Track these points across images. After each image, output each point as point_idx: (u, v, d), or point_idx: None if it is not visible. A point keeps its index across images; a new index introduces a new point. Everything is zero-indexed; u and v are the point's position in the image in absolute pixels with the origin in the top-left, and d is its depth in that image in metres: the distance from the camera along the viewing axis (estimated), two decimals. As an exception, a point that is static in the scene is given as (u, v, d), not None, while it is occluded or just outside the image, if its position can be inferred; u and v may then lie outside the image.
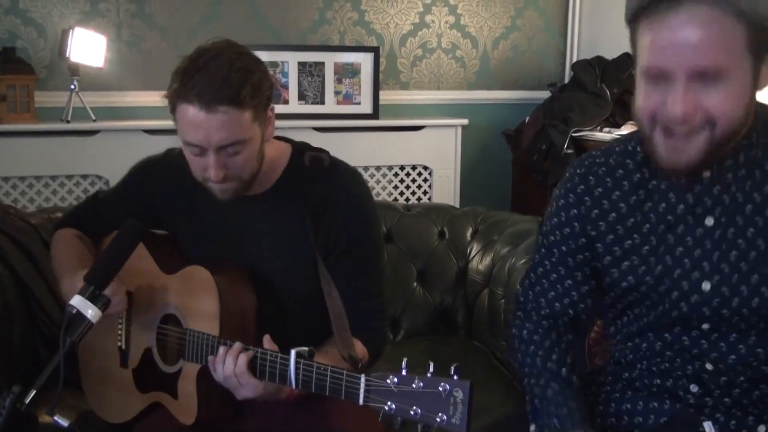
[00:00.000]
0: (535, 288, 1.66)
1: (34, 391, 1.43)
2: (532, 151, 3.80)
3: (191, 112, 1.64)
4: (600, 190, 1.55)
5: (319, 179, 1.82)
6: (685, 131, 1.34)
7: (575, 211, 1.57)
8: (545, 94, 4.02)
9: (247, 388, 1.62)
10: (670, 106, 1.33)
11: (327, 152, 1.89)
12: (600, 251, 1.55)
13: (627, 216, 1.52)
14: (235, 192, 1.75)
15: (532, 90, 4.32)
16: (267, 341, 1.63)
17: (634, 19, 1.36)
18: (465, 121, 4.04)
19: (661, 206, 1.49)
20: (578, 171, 1.59)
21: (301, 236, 1.80)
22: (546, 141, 3.71)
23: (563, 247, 1.60)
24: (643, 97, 1.38)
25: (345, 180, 1.85)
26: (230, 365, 1.62)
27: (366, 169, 3.89)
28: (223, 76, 1.63)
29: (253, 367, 1.61)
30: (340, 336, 1.66)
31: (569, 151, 3.57)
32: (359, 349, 1.77)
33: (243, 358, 1.61)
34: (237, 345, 1.63)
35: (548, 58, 4.38)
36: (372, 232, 1.88)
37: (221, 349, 1.64)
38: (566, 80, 4.22)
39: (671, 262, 1.48)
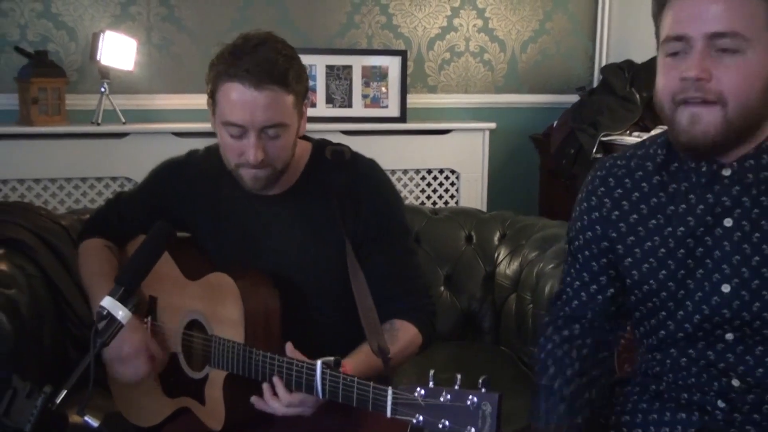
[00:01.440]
0: (563, 296, 1.65)
1: (65, 392, 1.44)
2: (560, 156, 3.78)
3: (239, 89, 1.66)
4: (620, 191, 1.54)
5: (342, 171, 1.83)
6: (700, 99, 1.36)
7: (596, 214, 1.57)
8: (574, 98, 3.99)
9: (309, 410, 1.62)
10: (685, 71, 1.36)
11: (347, 146, 1.91)
12: (620, 253, 1.54)
13: (647, 218, 1.51)
14: (267, 181, 1.76)
15: (560, 94, 4.29)
16: (290, 349, 1.62)
17: (659, 8, 1.39)
18: (493, 125, 4.03)
19: (681, 207, 1.47)
20: (598, 173, 1.59)
21: (328, 227, 1.81)
22: (575, 145, 3.69)
23: (586, 252, 1.59)
24: (663, 77, 1.40)
25: (366, 169, 1.87)
26: (282, 408, 1.61)
27: (393, 172, 3.88)
28: (272, 58, 1.67)
29: (288, 382, 1.59)
30: (367, 322, 1.64)
31: (598, 155, 3.55)
32: (411, 333, 1.76)
33: (281, 390, 1.60)
34: (281, 392, 1.61)
35: (577, 61, 4.36)
36: (400, 214, 1.89)
37: (266, 391, 1.62)
38: (595, 84, 4.19)
39: (692, 265, 1.46)
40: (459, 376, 1.31)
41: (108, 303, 1.54)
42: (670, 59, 1.39)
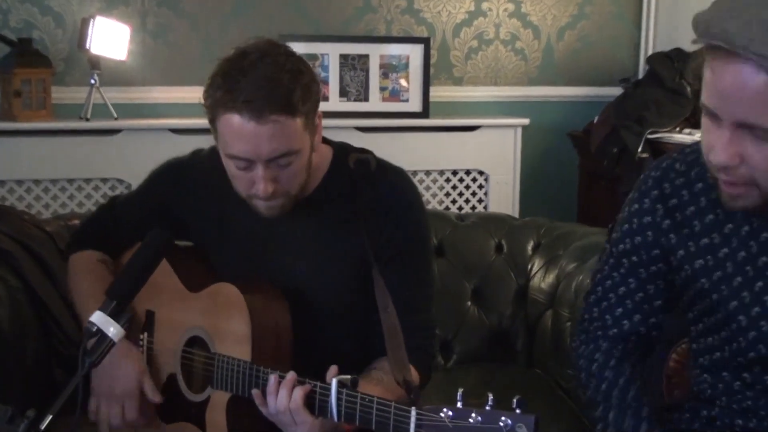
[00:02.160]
0: (602, 304, 1.65)
1: (51, 416, 1.44)
2: (601, 155, 3.77)
3: (238, 122, 1.63)
4: (674, 201, 1.55)
5: (367, 183, 1.83)
6: (729, 183, 1.37)
7: (648, 218, 1.57)
8: (617, 91, 3.98)
9: (302, 426, 1.60)
10: (712, 155, 1.36)
11: (372, 153, 1.90)
12: (674, 265, 1.55)
13: (700, 235, 1.52)
14: (283, 208, 1.76)
15: (601, 86, 4.27)
16: (333, 373, 1.60)
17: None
18: (526, 121, 4.02)
19: (743, 230, 1.47)
20: (653, 174, 1.60)
21: (347, 244, 1.81)
22: (618, 143, 3.68)
23: (634, 257, 1.60)
24: (703, 133, 1.40)
25: (395, 183, 1.86)
26: (284, 399, 1.59)
27: (414, 174, 3.88)
28: (273, 79, 1.63)
29: (310, 402, 1.59)
30: (394, 356, 1.64)
31: (644, 155, 3.54)
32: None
33: (299, 392, 1.59)
34: (291, 375, 1.61)
35: (620, 49, 4.34)
36: (424, 240, 1.89)
37: (272, 379, 1.62)
38: (641, 75, 4.18)
39: (749, 299, 1.45)
40: (491, 396, 1.30)
41: (98, 318, 1.55)
42: (707, 121, 1.38)
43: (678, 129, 3.61)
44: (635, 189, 1.62)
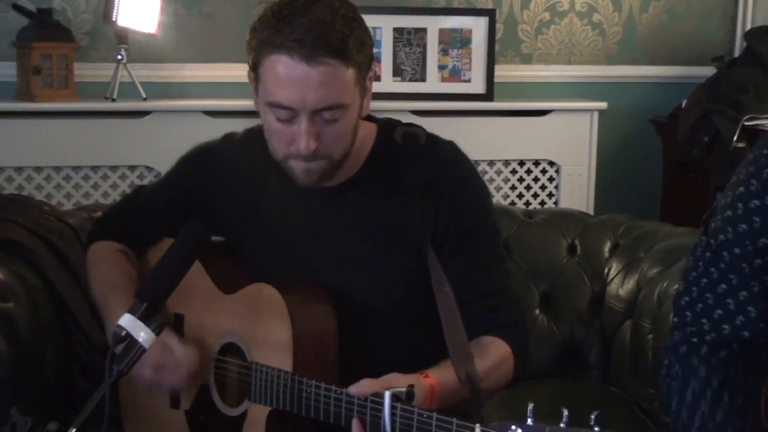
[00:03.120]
0: (696, 306, 1.63)
1: (74, 430, 1.47)
2: (690, 144, 3.74)
3: (287, 63, 1.67)
4: None
5: (417, 158, 1.84)
6: None
7: (757, 202, 1.55)
8: (709, 71, 3.94)
9: None
10: None
11: (421, 127, 1.92)
12: None
13: None
14: (322, 175, 1.78)
15: (691, 65, 4.24)
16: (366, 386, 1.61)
17: None
18: (603, 105, 3.99)
19: None
20: (765, 152, 1.56)
21: (399, 228, 1.82)
22: (709, 131, 3.65)
23: (736, 249, 1.58)
24: None
25: (447, 154, 1.89)
26: None
27: (476, 163, 3.79)
28: (327, 21, 1.66)
29: (360, 418, 1.59)
30: (453, 343, 1.64)
31: (740, 144, 3.50)
32: (502, 350, 1.77)
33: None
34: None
35: (713, 24, 4.30)
36: (489, 211, 1.91)
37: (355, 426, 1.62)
38: (737, 53, 4.14)
39: None
40: (566, 412, 1.31)
41: (127, 322, 1.57)
42: None
43: (780, 114, 3.57)
44: (740, 171, 1.60)
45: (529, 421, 1.35)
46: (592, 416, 1.30)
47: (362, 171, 1.87)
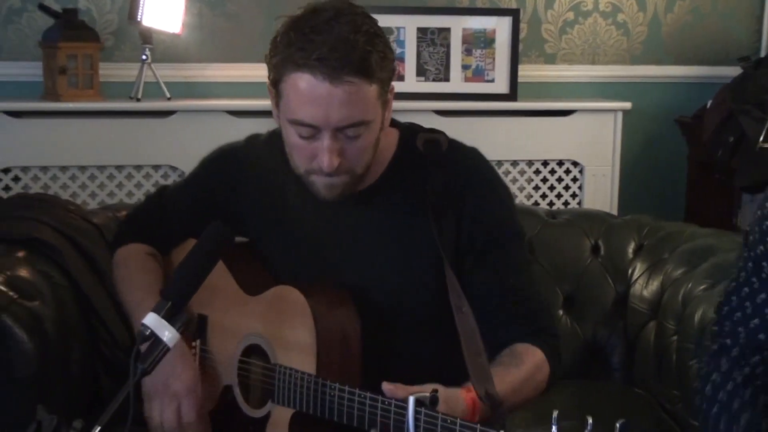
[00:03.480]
0: (734, 315, 1.62)
1: (99, 428, 1.48)
2: (715, 145, 3.72)
3: (309, 82, 1.66)
4: None
5: (438, 166, 1.84)
6: None
7: None
8: (735, 71, 3.91)
9: None
10: None
11: (443, 133, 1.92)
12: None
13: None
14: (344, 189, 1.79)
15: (716, 65, 4.22)
16: (388, 388, 1.61)
17: None
18: (627, 105, 3.98)
19: None
20: None
21: (420, 236, 1.82)
22: (735, 131, 3.63)
23: None
24: None
25: (469, 163, 1.88)
26: None
27: (499, 164, 3.88)
28: (350, 39, 1.66)
29: (384, 422, 1.59)
30: (472, 364, 1.64)
31: (766, 144, 3.48)
32: (537, 358, 1.77)
33: None
34: None
35: (739, 23, 4.27)
36: (513, 217, 1.91)
37: None
38: (763, 53, 4.12)
39: None
40: (590, 420, 1.30)
41: (152, 321, 1.58)
42: None
43: (807, 115, 3.55)
44: None
45: (554, 429, 1.34)
46: (618, 424, 1.29)
47: (384, 177, 1.87)
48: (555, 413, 1.34)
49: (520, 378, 1.70)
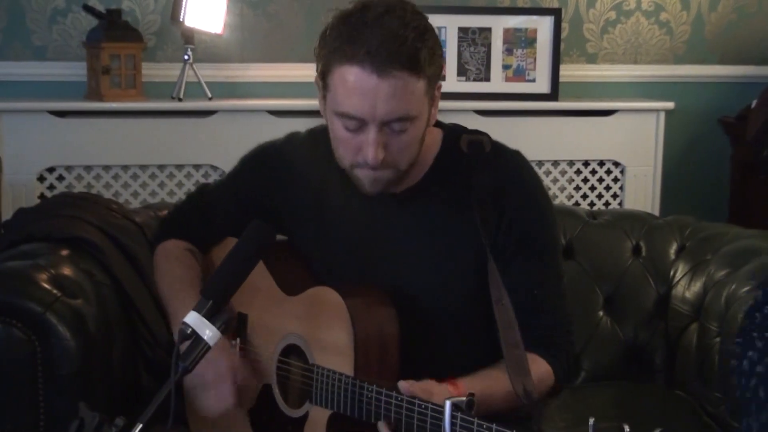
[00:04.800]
0: (765, 308, 1.61)
1: (141, 426, 1.50)
2: (759, 145, 3.69)
3: (357, 74, 1.68)
4: None
5: (482, 167, 1.84)
6: None
7: None
8: (780, 71, 3.89)
9: None
10: None
11: (486, 134, 1.92)
12: None
13: None
14: (388, 184, 1.79)
15: (761, 65, 4.19)
16: (405, 387, 1.62)
17: None
18: (670, 105, 3.96)
19: None
20: None
21: (462, 236, 1.83)
22: (779, 132, 3.60)
23: None
24: None
25: (513, 166, 1.88)
26: None
27: (540, 164, 3.87)
28: (400, 34, 1.67)
29: (420, 426, 1.59)
30: (510, 356, 1.65)
31: (811, 145, 3.45)
32: (542, 370, 1.77)
33: None
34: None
35: (784, 22, 4.24)
36: (550, 227, 1.90)
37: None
38: (808, 52, 4.08)
39: None
40: (627, 428, 1.29)
41: (193, 320, 1.59)
42: None
43: None
44: None
45: None
46: None
47: (426, 178, 1.87)
48: (591, 421, 1.34)
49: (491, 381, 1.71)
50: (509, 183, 1.85)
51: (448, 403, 1.53)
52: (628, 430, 1.30)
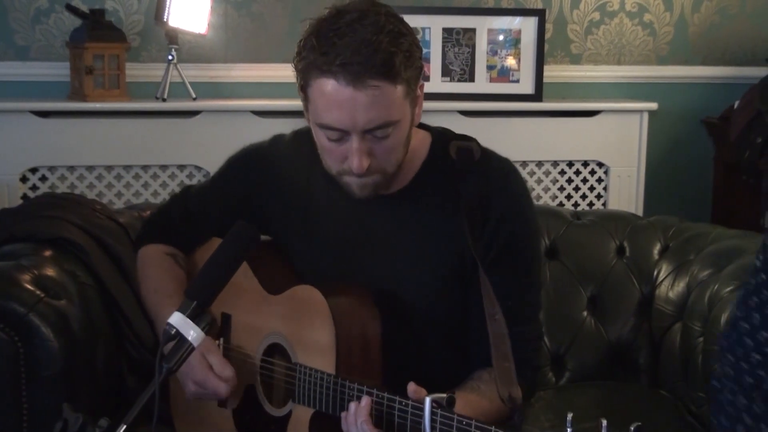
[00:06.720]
0: (740, 325, 1.61)
1: (125, 427, 1.50)
2: (742, 146, 3.70)
3: (333, 87, 1.67)
4: None
5: (470, 174, 1.84)
6: None
7: None
8: (762, 71, 3.89)
9: None
10: None
11: (475, 140, 1.92)
12: None
13: None
14: (376, 188, 1.79)
15: (743, 66, 4.20)
16: (412, 389, 1.61)
17: None
18: (653, 106, 3.97)
19: None
20: None
21: (446, 244, 1.83)
22: (762, 132, 3.61)
23: None
24: None
25: (500, 175, 1.88)
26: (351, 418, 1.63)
27: (524, 164, 3.87)
28: (373, 41, 1.65)
29: (401, 424, 1.60)
30: (500, 369, 1.65)
31: (794, 146, 3.46)
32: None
33: (365, 400, 1.62)
34: (365, 405, 1.62)
35: (767, 24, 4.25)
36: (532, 239, 1.91)
37: (352, 407, 1.64)
38: (791, 53, 4.09)
39: None
40: (604, 423, 1.30)
41: (177, 320, 1.59)
42: None
43: (835, 116, 3.53)
44: None
45: (569, 430, 1.34)
46: (632, 428, 1.29)
47: (414, 182, 1.87)
48: (569, 416, 1.34)
49: (484, 409, 1.70)
50: (495, 192, 1.84)
51: (427, 400, 1.54)
52: (605, 424, 1.30)
